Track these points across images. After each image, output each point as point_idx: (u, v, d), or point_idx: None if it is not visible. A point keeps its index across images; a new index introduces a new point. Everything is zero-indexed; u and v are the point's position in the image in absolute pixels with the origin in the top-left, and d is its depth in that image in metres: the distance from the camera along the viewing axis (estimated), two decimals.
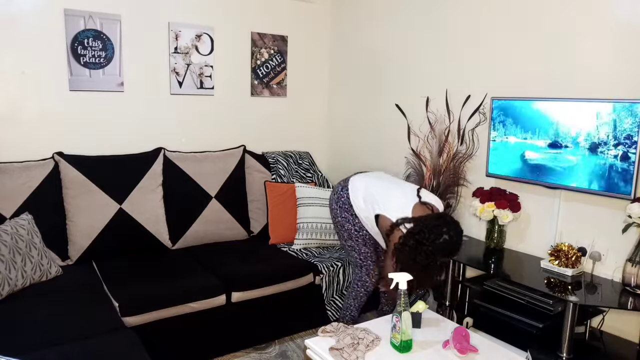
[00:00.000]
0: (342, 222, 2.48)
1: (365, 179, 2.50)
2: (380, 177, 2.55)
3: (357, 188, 2.45)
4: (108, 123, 3.00)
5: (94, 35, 2.87)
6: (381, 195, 2.35)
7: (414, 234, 2.09)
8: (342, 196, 2.48)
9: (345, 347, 1.81)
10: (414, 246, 2.07)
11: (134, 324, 2.21)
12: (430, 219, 2.13)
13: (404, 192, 2.34)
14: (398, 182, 2.54)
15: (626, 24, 2.13)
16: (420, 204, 2.26)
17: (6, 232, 2.22)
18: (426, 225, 2.09)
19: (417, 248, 2.06)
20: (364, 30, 3.54)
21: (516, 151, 2.46)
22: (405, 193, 2.34)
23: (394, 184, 2.47)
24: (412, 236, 2.09)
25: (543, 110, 2.33)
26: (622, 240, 2.15)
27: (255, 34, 3.50)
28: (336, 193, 2.52)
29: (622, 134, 2.05)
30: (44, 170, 2.67)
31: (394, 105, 3.25)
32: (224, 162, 3.23)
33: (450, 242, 2.08)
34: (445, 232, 2.07)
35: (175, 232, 2.96)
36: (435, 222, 2.10)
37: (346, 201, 2.46)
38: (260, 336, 2.70)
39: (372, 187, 2.42)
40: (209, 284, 2.47)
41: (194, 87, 3.29)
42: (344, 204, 2.47)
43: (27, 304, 2.11)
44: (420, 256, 2.06)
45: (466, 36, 2.82)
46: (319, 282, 2.83)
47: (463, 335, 1.85)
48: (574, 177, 2.24)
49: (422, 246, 2.05)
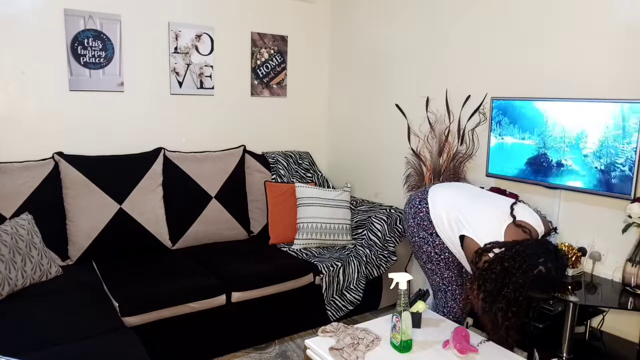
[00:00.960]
0: (420, 243, 2.16)
1: (448, 191, 2.16)
2: (463, 188, 2.21)
3: (439, 203, 2.12)
4: (108, 123, 3.00)
5: (94, 35, 2.87)
6: (468, 213, 2.01)
7: (503, 260, 1.76)
8: (420, 210, 2.15)
9: (345, 347, 1.81)
10: (502, 275, 1.74)
11: (134, 324, 2.21)
12: (527, 245, 1.78)
13: (495, 210, 1.99)
14: (486, 195, 2.16)
15: (626, 23, 2.13)
16: (515, 225, 1.90)
17: (6, 232, 2.22)
18: (519, 251, 1.75)
19: (504, 277, 1.73)
20: (364, 30, 3.54)
21: (516, 151, 2.46)
22: (497, 211, 1.98)
23: (483, 198, 2.09)
24: (500, 262, 1.76)
25: (543, 110, 2.33)
26: (622, 240, 2.15)
27: (255, 34, 3.50)
28: (413, 206, 2.19)
29: (623, 133, 2.05)
30: (44, 170, 2.67)
31: (394, 105, 3.25)
32: (224, 162, 3.23)
33: (547, 275, 1.73)
34: (542, 262, 1.72)
35: (175, 232, 2.96)
36: (531, 250, 1.76)
37: (425, 217, 2.13)
38: (260, 336, 2.70)
39: (457, 202, 2.08)
40: (209, 284, 2.47)
41: (194, 87, 3.29)
42: (422, 221, 2.14)
43: (27, 304, 2.11)
44: (508, 288, 1.72)
45: (466, 36, 2.82)
46: (319, 282, 2.83)
47: (463, 335, 1.85)
48: (574, 177, 2.24)
49: (511, 276, 1.72)
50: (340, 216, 3.16)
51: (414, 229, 2.19)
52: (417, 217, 2.16)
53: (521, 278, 1.72)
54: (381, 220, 3.05)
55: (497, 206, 2.01)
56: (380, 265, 3.03)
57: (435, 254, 2.15)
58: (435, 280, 2.22)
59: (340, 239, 3.15)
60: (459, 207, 2.05)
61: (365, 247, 3.03)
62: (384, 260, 3.04)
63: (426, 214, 2.13)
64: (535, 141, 2.37)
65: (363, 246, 3.05)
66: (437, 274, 2.20)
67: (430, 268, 2.21)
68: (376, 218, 3.08)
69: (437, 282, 2.21)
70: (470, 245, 1.96)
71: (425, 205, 2.15)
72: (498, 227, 1.91)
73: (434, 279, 2.22)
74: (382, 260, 3.04)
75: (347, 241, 3.16)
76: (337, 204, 3.18)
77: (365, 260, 2.98)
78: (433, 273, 2.21)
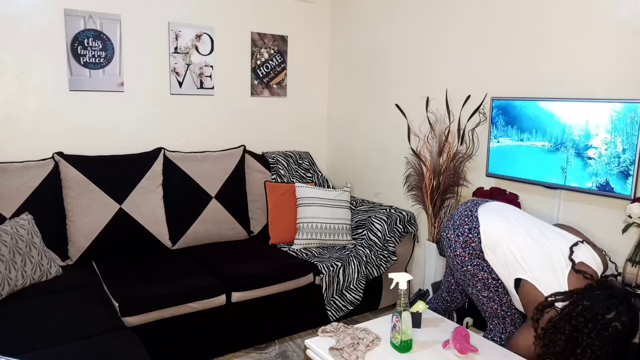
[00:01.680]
0: (475, 271, 2.00)
1: (499, 223, 1.98)
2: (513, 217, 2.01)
3: (492, 234, 1.96)
4: (108, 123, 3.00)
5: (94, 35, 2.87)
6: (525, 254, 1.87)
7: (571, 319, 1.61)
8: (471, 240, 2.00)
9: (345, 347, 1.81)
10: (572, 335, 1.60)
11: (134, 324, 2.21)
12: (595, 299, 1.62)
13: (554, 250, 1.85)
14: (542, 230, 1.96)
15: (627, 23, 2.13)
16: (576, 271, 1.76)
17: (6, 232, 2.22)
18: (588, 307, 1.61)
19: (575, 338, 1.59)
20: (364, 30, 3.54)
21: (515, 151, 2.46)
22: (556, 252, 1.84)
23: (540, 237, 1.91)
24: (568, 321, 1.62)
25: (543, 110, 2.33)
26: (622, 240, 2.15)
27: (255, 34, 3.50)
28: (462, 234, 2.02)
29: (623, 133, 2.05)
30: (44, 170, 2.67)
31: (394, 105, 3.25)
32: (224, 162, 3.23)
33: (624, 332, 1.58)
34: (615, 317, 1.58)
35: (175, 232, 2.96)
36: (601, 304, 1.61)
37: (477, 247, 1.99)
38: (260, 336, 2.70)
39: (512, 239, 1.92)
40: (209, 284, 2.47)
41: (194, 87, 3.29)
42: (474, 250, 2.00)
43: (27, 304, 2.11)
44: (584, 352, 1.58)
45: (466, 36, 2.82)
46: (319, 282, 2.83)
47: (463, 335, 1.85)
48: (574, 176, 2.24)
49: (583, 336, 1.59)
50: (340, 216, 3.16)
51: (464, 257, 2.02)
52: (468, 247, 2.00)
53: (597, 339, 1.57)
54: (381, 220, 3.05)
55: (555, 246, 1.86)
56: (380, 265, 3.03)
57: (493, 279, 1.99)
58: (493, 307, 2.03)
59: (340, 239, 3.15)
60: (514, 246, 1.90)
61: (365, 247, 3.03)
62: (384, 260, 3.04)
63: (478, 244, 1.99)
64: (535, 141, 2.37)
65: (363, 246, 3.05)
66: (494, 300, 2.02)
67: (487, 295, 2.02)
68: (376, 218, 3.08)
69: (495, 309, 2.02)
70: (530, 292, 1.82)
71: (477, 235, 1.99)
72: (560, 274, 1.78)
73: (490, 306, 2.03)
74: (382, 260, 3.04)
75: (347, 241, 3.16)
76: (337, 204, 3.18)
77: (365, 260, 2.98)
78: (490, 300, 2.02)
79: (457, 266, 2.06)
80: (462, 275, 2.06)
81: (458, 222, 2.07)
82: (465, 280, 2.07)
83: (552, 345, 1.64)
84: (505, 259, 1.92)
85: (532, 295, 1.82)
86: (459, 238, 2.03)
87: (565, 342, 1.61)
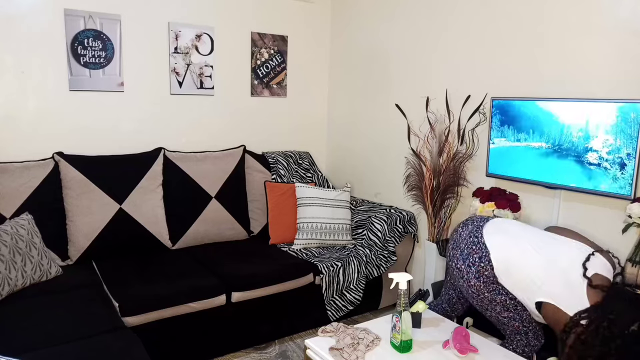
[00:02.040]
0: (492, 296, 1.98)
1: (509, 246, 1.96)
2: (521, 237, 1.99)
3: (505, 262, 1.94)
4: (108, 123, 3.00)
5: (94, 35, 2.87)
6: (540, 276, 1.86)
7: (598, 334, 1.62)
8: (484, 269, 1.96)
9: (345, 347, 1.81)
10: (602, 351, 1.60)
11: (134, 324, 2.21)
12: (620, 312, 1.63)
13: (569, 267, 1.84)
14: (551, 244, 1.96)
15: (627, 23, 2.13)
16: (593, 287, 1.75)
17: (6, 232, 2.22)
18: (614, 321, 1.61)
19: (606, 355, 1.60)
20: (364, 30, 3.54)
21: (515, 151, 2.45)
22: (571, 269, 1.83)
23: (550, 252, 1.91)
24: (596, 336, 1.62)
25: (543, 110, 2.33)
26: (622, 240, 2.15)
27: (255, 34, 3.50)
28: (473, 264, 1.99)
29: (623, 133, 2.05)
30: (44, 170, 2.67)
31: (394, 105, 3.25)
32: (224, 162, 3.23)
33: None
34: None
35: (175, 232, 2.96)
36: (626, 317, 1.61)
37: (491, 274, 1.97)
38: (260, 336, 2.70)
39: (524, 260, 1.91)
40: (209, 284, 2.47)
41: (194, 87, 3.29)
42: (488, 278, 1.97)
43: (27, 304, 2.11)
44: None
45: (466, 36, 2.82)
46: (319, 282, 2.83)
47: (463, 335, 1.85)
48: (574, 176, 2.24)
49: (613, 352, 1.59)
50: (340, 216, 3.16)
51: (480, 287, 1.99)
52: (482, 276, 1.98)
53: (627, 354, 1.56)
54: (381, 220, 3.05)
55: (568, 260, 1.85)
56: (380, 265, 3.03)
57: (511, 299, 1.97)
58: (514, 325, 2.01)
59: (340, 239, 3.15)
60: (528, 269, 1.89)
61: (365, 247, 3.03)
62: (384, 260, 3.04)
63: (492, 272, 1.96)
64: (535, 141, 2.37)
65: (363, 246, 3.05)
66: (515, 319, 2.00)
67: (507, 316, 2.00)
68: (376, 218, 3.08)
69: (517, 327, 2.00)
70: (555, 313, 1.80)
71: (489, 263, 1.96)
72: (579, 291, 1.77)
73: (511, 325, 2.01)
74: (382, 260, 3.04)
75: (347, 241, 3.16)
76: (337, 204, 3.18)
77: (365, 260, 2.98)
78: (511, 320, 2.00)
79: (473, 294, 2.03)
80: (479, 302, 2.04)
81: (466, 251, 2.03)
82: (483, 306, 2.04)
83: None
84: (522, 283, 1.91)
85: (557, 316, 1.81)
86: (471, 268, 2.00)
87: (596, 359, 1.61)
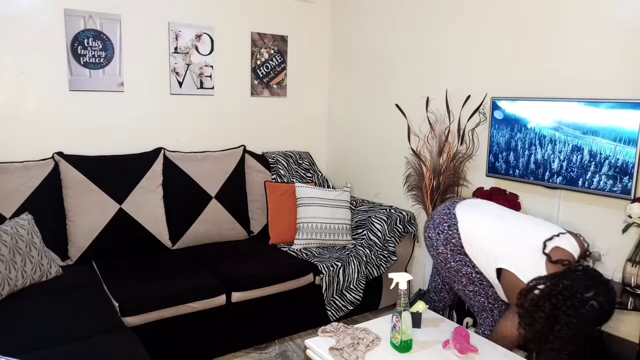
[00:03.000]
0: (458, 266, 2.05)
1: (477, 218, 2.05)
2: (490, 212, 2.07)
3: (470, 231, 2.03)
4: (108, 123, 3.00)
5: (94, 35, 2.87)
6: (504, 245, 1.93)
7: (551, 297, 1.67)
8: (452, 237, 2.06)
9: (345, 347, 1.81)
10: (551, 314, 1.66)
11: (134, 324, 2.21)
12: (574, 279, 1.69)
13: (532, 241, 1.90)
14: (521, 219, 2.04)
15: (627, 23, 2.13)
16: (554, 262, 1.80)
17: (6, 232, 2.22)
18: (567, 287, 1.67)
19: (555, 317, 1.65)
20: (364, 30, 3.54)
21: (515, 151, 2.45)
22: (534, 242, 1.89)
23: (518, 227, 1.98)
24: (548, 299, 1.68)
25: (544, 110, 2.33)
26: (622, 240, 2.15)
27: (255, 34, 3.50)
28: (442, 232, 2.09)
29: (622, 133, 2.05)
30: (44, 170, 2.67)
31: (394, 105, 3.25)
32: (224, 162, 3.23)
33: (600, 311, 1.64)
34: (593, 296, 1.63)
35: (175, 232, 2.96)
36: (579, 283, 1.66)
37: (458, 243, 2.05)
38: (260, 336, 2.70)
39: (489, 232, 1.98)
40: (209, 284, 2.47)
41: (194, 87, 3.29)
42: (455, 246, 2.05)
43: (27, 304, 2.11)
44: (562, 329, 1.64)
45: (466, 36, 2.82)
46: (319, 282, 2.83)
47: (463, 335, 1.85)
48: (574, 176, 2.23)
49: (562, 314, 1.64)
50: (340, 216, 3.16)
51: (447, 255, 2.07)
52: (449, 244, 2.06)
53: (574, 317, 1.62)
54: (381, 220, 3.05)
55: (534, 238, 1.89)
56: (380, 265, 3.03)
57: (477, 273, 2.04)
58: (480, 301, 2.08)
59: (340, 239, 3.15)
60: (493, 238, 1.96)
61: (365, 247, 3.03)
62: (384, 260, 3.04)
63: (459, 240, 2.04)
64: (535, 141, 2.37)
65: (363, 246, 3.05)
66: (481, 294, 2.07)
67: (473, 290, 2.07)
68: (376, 218, 3.08)
69: (482, 303, 2.07)
70: (512, 280, 1.87)
71: (457, 231, 2.04)
72: (539, 264, 1.82)
73: (477, 300, 2.08)
74: (382, 260, 3.04)
75: (347, 241, 3.16)
76: (337, 204, 3.18)
77: (365, 260, 2.98)
78: (476, 294, 2.07)
79: (441, 264, 2.12)
80: (447, 272, 2.12)
81: (437, 220, 2.13)
82: (450, 276, 2.12)
83: (533, 323, 1.70)
84: (485, 251, 1.97)
85: (514, 282, 1.87)
86: (440, 236, 2.09)
87: (546, 319, 1.66)
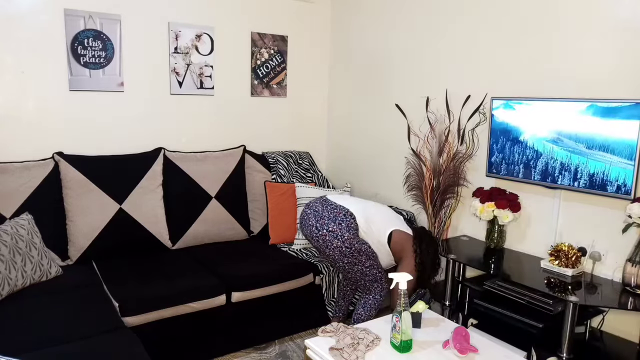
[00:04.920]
0: (359, 246, 2.41)
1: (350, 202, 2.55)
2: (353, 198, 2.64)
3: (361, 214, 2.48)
4: (108, 123, 3.00)
5: (94, 35, 2.87)
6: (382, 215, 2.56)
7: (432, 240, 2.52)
8: (350, 223, 2.42)
9: (345, 347, 1.81)
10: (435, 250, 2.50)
11: (134, 324, 2.21)
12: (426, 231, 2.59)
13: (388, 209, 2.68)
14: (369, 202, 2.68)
15: (627, 23, 2.13)
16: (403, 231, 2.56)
17: (6, 232, 2.22)
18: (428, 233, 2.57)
19: (435, 252, 2.50)
20: (364, 30, 3.54)
21: (515, 151, 2.45)
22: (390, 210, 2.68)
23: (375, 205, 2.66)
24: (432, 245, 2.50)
25: (544, 109, 2.33)
26: (622, 240, 2.15)
27: (255, 34, 3.50)
28: (342, 221, 2.41)
29: (622, 134, 2.05)
30: (44, 170, 2.67)
31: (394, 105, 3.25)
32: (224, 162, 3.23)
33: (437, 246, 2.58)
34: None
35: (175, 232, 2.96)
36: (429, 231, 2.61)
37: (355, 226, 2.43)
38: (260, 336, 2.70)
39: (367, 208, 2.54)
40: (209, 284, 2.47)
41: (194, 87, 3.29)
42: (355, 230, 2.43)
43: (27, 304, 2.11)
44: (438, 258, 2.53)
45: (466, 36, 2.82)
46: (319, 282, 2.83)
47: (463, 335, 1.85)
48: (574, 176, 2.24)
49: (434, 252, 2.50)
50: None
51: (352, 239, 2.39)
52: (350, 229, 2.40)
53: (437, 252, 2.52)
54: None
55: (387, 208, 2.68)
56: None
57: (369, 247, 2.44)
58: (374, 273, 2.47)
59: None
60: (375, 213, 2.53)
61: None
62: None
63: (355, 223, 2.43)
64: (534, 141, 2.37)
65: None
66: (374, 266, 2.46)
67: (371, 264, 2.45)
68: None
69: (374, 274, 2.47)
70: (402, 236, 2.48)
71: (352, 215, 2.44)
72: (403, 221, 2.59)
73: (372, 273, 2.47)
74: None
75: None
76: None
77: None
78: (372, 267, 2.46)
79: (346, 250, 2.40)
80: (351, 257, 2.41)
81: (332, 215, 2.43)
82: (353, 260, 2.42)
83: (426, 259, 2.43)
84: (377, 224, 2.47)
85: (404, 237, 2.48)
86: (342, 225, 2.40)
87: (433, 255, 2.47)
